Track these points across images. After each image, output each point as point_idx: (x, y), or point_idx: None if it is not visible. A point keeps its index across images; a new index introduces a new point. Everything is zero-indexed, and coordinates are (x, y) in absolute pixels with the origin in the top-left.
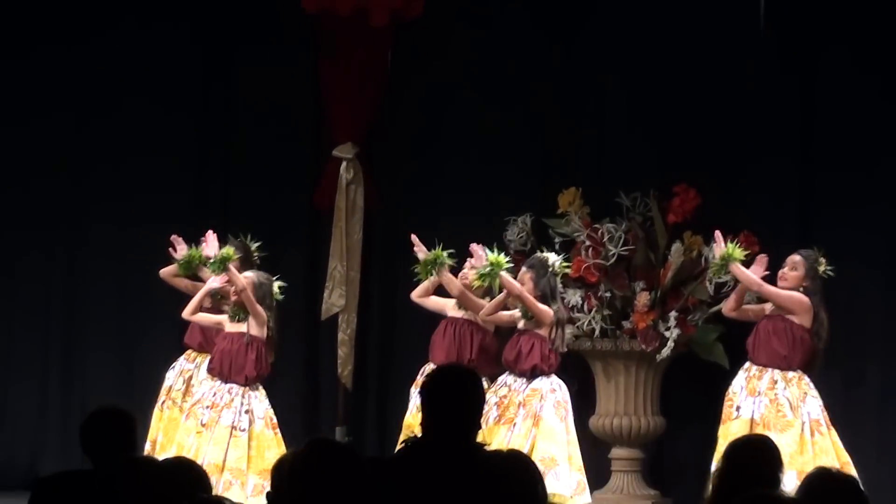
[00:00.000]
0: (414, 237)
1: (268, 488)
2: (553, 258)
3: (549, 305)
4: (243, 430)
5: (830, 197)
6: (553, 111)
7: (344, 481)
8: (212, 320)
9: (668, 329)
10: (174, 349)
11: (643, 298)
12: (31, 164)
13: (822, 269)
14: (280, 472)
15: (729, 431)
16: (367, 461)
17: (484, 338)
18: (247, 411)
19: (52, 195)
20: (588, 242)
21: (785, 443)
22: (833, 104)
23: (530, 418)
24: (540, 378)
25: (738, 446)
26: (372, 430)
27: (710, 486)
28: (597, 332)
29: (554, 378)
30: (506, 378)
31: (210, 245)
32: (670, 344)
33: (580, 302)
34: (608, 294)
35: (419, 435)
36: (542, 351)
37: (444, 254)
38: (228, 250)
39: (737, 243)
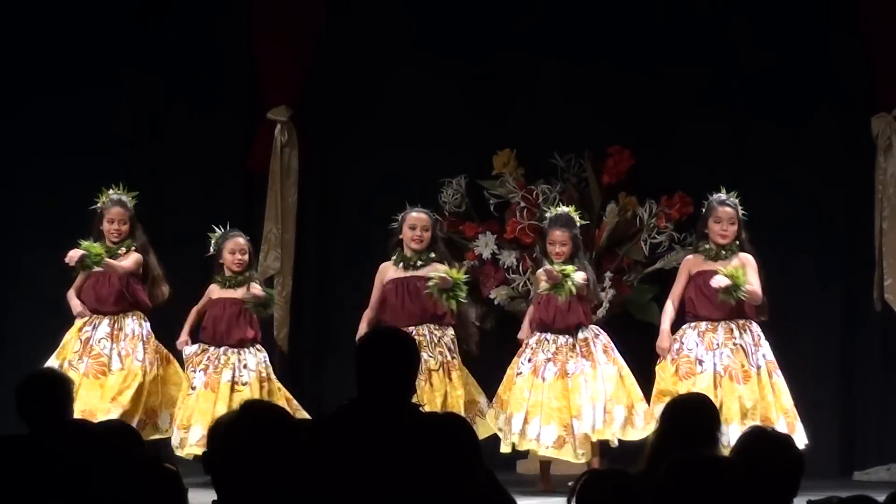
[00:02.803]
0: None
1: None
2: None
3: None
4: (245, 383)
5: (762, 154)
6: (487, 73)
7: (277, 442)
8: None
9: (603, 290)
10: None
11: None
12: None
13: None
14: (215, 435)
15: (697, 385)
16: (301, 422)
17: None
18: (245, 366)
19: None
20: (523, 203)
21: (746, 395)
22: (765, 63)
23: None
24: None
25: (675, 406)
26: (307, 393)
27: (647, 446)
28: (532, 293)
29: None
30: (545, 336)
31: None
32: (605, 304)
33: (515, 263)
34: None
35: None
36: (583, 307)
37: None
38: (92, 249)
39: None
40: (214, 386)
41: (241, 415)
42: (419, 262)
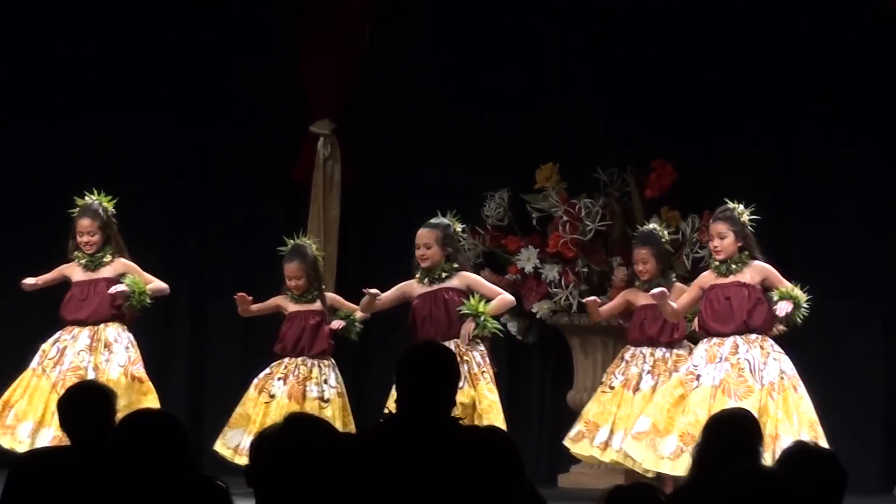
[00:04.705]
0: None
1: None
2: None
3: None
4: (327, 400)
5: (807, 170)
6: (530, 87)
7: (322, 455)
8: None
9: None
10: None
11: (620, 273)
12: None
13: (744, 218)
14: (259, 449)
15: (690, 402)
16: (344, 436)
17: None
18: (326, 381)
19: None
20: (565, 218)
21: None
22: (810, 77)
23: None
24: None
25: (716, 421)
26: (350, 404)
27: (690, 462)
28: (574, 307)
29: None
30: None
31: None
32: None
33: (557, 277)
34: (585, 269)
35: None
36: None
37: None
38: (134, 286)
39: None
40: (298, 398)
41: (285, 428)
42: (443, 275)
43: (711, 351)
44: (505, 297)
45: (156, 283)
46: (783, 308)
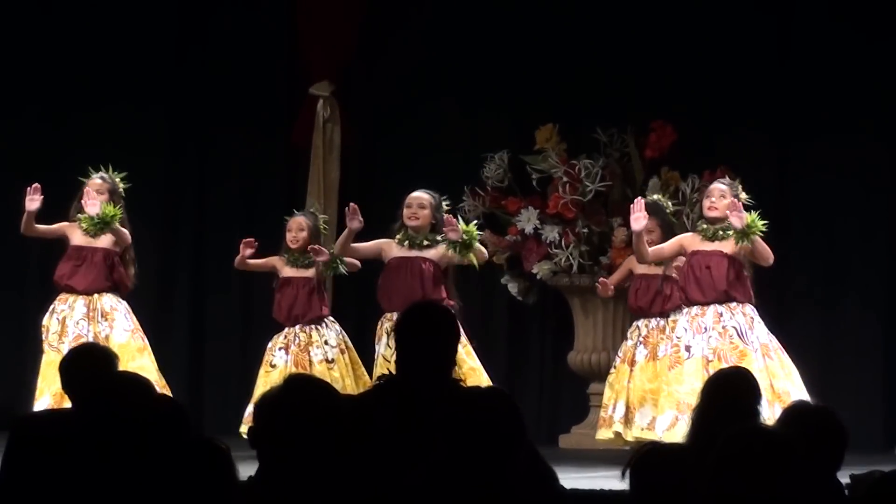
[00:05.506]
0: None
1: None
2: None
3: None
4: (332, 361)
5: (806, 133)
6: (529, 47)
7: (321, 416)
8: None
9: None
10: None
11: (620, 234)
12: None
13: (742, 196)
14: (261, 410)
15: (684, 372)
16: (345, 397)
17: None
18: (326, 343)
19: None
20: (565, 178)
21: None
22: (810, 37)
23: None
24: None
25: (715, 381)
26: None
27: (690, 422)
28: (574, 268)
29: None
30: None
31: (91, 204)
32: None
33: (558, 238)
34: (586, 230)
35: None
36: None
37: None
38: (108, 209)
39: (757, 214)
40: (305, 365)
41: (284, 390)
42: (425, 242)
43: (695, 322)
44: (484, 251)
45: (126, 235)
46: (737, 217)
